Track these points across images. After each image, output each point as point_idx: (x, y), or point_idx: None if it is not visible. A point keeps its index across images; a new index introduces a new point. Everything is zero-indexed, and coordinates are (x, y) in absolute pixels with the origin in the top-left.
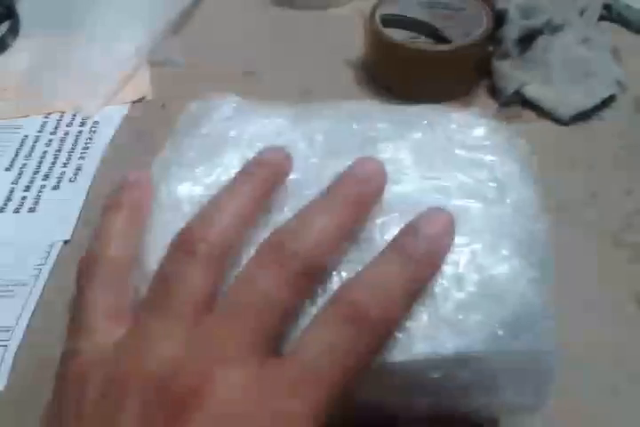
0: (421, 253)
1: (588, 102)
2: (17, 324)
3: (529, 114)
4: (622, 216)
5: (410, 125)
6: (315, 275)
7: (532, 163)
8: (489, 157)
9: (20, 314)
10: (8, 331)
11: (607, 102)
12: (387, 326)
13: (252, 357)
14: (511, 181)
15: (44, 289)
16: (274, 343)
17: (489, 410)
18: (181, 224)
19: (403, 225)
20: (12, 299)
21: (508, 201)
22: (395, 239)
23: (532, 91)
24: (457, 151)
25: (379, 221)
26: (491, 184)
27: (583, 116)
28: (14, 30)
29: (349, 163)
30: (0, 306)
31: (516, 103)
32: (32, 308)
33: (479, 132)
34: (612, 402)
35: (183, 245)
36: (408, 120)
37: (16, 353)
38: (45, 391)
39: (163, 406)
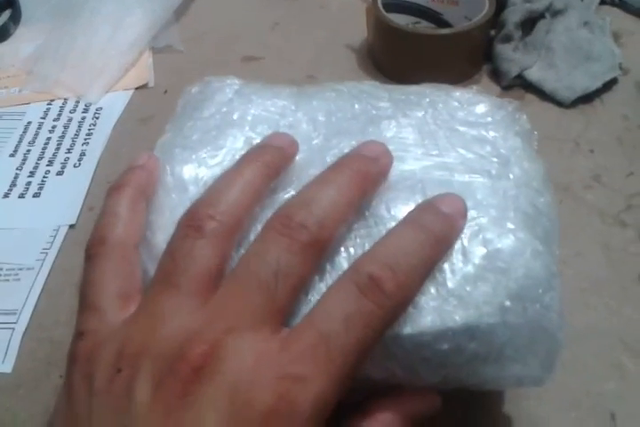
0: (439, 230)
1: (591, 85)
2: (23, 307)
3: (531, 97)
4: (624, 198)
5: (412, 104)
6: (322, 246)
7: (535, 137)
8: (491, 133)
9: (27, 298)
10: (15, 314)
11: (609, 85)
12: (402, 300)
13: (263, 325)
14: (514, 156)
15: (49, 273)
16: (284, 315)
17: (496, 383)
18: (188, 205)
19: (409, 202)
20: (18, 282)
21: (512, 176)
22: (412, 214)
23: (534, 74)
24: (459, 128)
25: (385, 197)
26: (494, 159)
27: (585, 99)
28: (15, 19)
29: (353, 142)
30: (7, 290)
31: (518, 86)
32: (38, 291)
33: (480, 108)
34: (618, 379)
35: (191, 222)
36: (409, 99)
37: (23, 336)
38: (52, 373)
39: (176, 375)
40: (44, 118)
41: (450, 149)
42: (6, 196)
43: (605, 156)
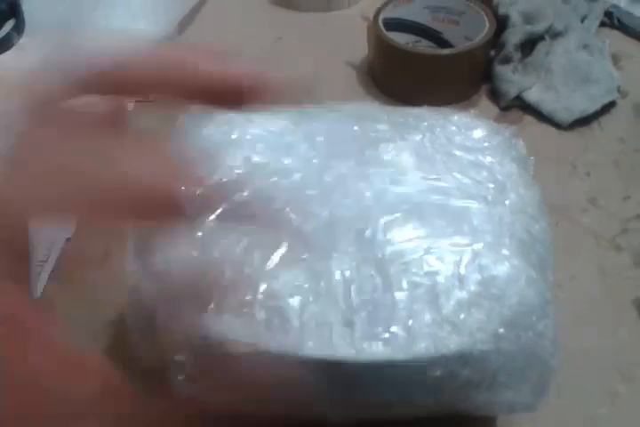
0: None
1: (589, 108)
2: None
3: (529, 118)
4: (620, 222)
5: (410, 127)
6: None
7: (531, 163)
8: (488, 159)
9: None
10: None
11: (607, 108)
12: None
13: None
14: (510, 182)
15: (45, 286)
16: None
17: (488, 408)
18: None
19: (405, 225)
20: None
21: (508, 202)
22: None
23: (533, 95)
24: (457, 153)
25: (382, 220)
26: (490, 185)
27: (583, 121)
28: (19, 28)
29: (351, 163)
30: None
31: (516, 108)
32: None
33: (478, 133)
34: (610, 404)
35: None
36: (408, 122)
37: None
38: None
39: None
40: None
41: (447, 173)
42: None
43: (602, 179)
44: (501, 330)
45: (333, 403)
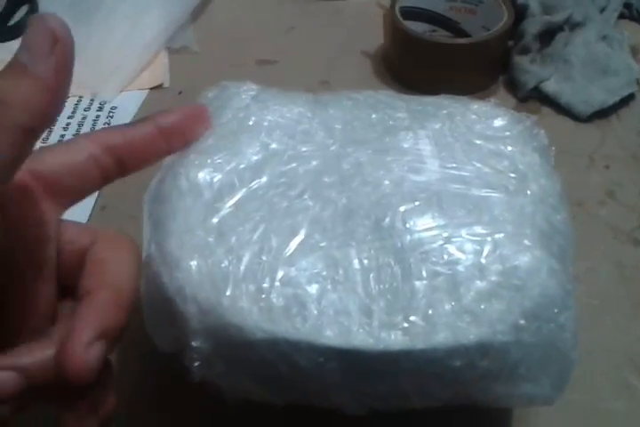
0: None
1: (608, 100)
2: None
3: (547, 110)
4: (638, 215)
5: (429, 115)
6: None
7: (551, 152)
8: (509, 148)
9: None
10: None
11: (625, 101)
12: None
13: None
14: (532, 172)
15: None
16: None
17: (506, 401)
18: (202, 210)
19: (424, 214)
20: None
21: (529, 192)
22: None
23: (551, 87)
24: (477, 141)
25: (401, 209)
26: (511, 175)
27: (601, 113)
28: (33, 13)
29: (369, 151)
30: None
31: (534, 99)
32: None
33: (499, 122)
34: (625, 398)
35: None
36: (427, 110)
37: None
38: None
39: None
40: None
41: (467, 162)
42: None
43: (620, 172)
44: (522, 321)
45: (349, 392)
